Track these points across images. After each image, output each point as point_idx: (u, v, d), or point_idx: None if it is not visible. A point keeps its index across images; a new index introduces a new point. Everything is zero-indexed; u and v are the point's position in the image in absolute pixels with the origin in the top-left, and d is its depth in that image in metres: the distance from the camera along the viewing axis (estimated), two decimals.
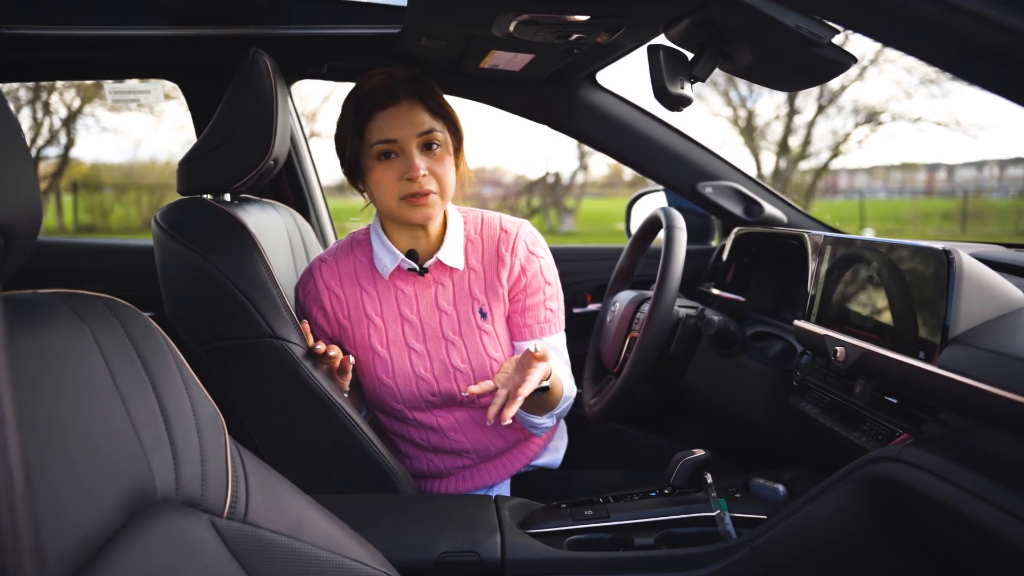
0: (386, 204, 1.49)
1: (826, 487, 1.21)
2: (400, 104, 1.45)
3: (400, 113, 1.45)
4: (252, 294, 1.44)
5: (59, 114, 16.18)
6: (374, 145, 1.46)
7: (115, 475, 0.77)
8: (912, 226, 18.72)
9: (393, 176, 1.46)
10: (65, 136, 16.52)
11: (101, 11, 1.86)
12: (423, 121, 1.46)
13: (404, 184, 1.45)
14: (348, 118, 1.49)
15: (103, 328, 0.85)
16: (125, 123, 20.37)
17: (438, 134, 1.47)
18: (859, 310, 1.41)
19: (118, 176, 19.52)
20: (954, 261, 1.16)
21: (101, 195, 18.79)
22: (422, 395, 1.59)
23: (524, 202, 19.73)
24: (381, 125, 1.45)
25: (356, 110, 1.47)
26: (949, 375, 1.10)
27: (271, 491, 1.00)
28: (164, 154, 19.96)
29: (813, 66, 1.29)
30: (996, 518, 0.93)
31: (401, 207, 1.47)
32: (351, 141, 1.48)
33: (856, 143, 18.68)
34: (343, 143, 1.51)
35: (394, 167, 1.46)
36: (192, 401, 0.92)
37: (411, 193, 1.45)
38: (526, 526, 1.35)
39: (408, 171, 1.44)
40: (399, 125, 1.45)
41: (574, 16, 1.37)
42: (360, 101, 1.47)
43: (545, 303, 1.63)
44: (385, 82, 1.46)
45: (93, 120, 18.28)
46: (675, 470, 1.44)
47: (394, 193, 1.46)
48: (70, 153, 17.16)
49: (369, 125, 1.46)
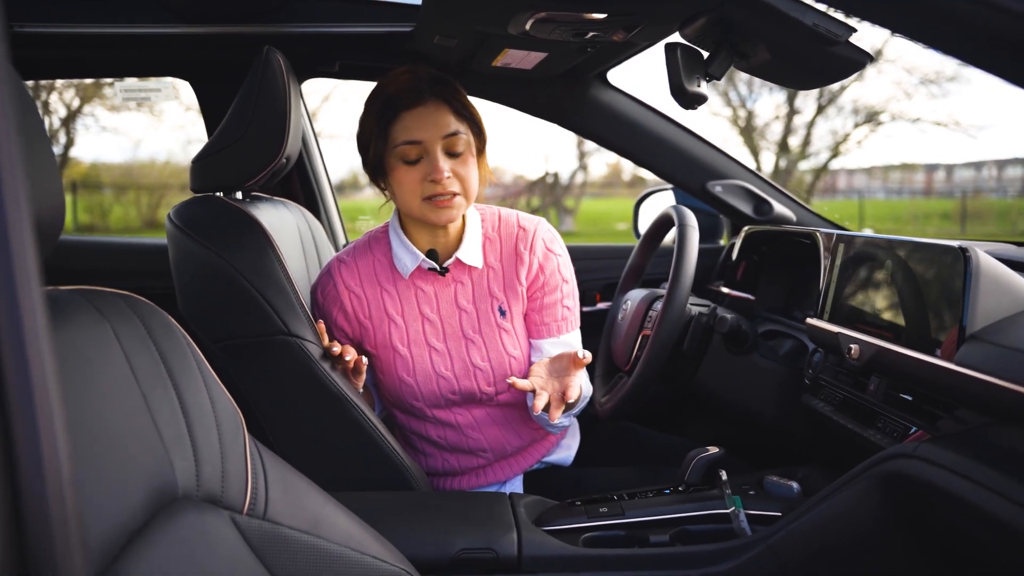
0: (409, 205, 1.48)
1: (842, 484, 1.21)
2: (426, 105, 1.44)
3: (426, 114, 1.44)
4: (267, 291, 1.43)
5: (58, 114, 16.17)
6: (399, 146, 1.45)
7: (138, 472, 0.77)
8: (911, 226, 18.74)
9: (417, 177, 1.45)
10: (64, 136, 16.51)
11: (113, 9, 1.85)
12: (448, 123, 1.45)
13: (428, 185, 1.45)
14: (372, 118, 1.47)
15: (124, 325, 0.85)
16: (124, 123, 20.39)
17: (462, 136, 1.46)
18: (872, 308, 1.42)
19: (117, 176, 19.52)
20: (971, 259, 1.16)
21: (100, 195, 18.78)
22: (442, 393, 1.59)
23: (523, 202, 19.73)
24: (407, 126, 1.44)
25: (382, 110, 1.46)
26: (967, 372, 1.10)
27: (290, 488, 1.00)
28: (163, 154, 20.01)
29: (830, 65, 1.29)
30: (1015, 514, 0.93)
31: (424, 208, 1.47)
32: (375, 141, 1.47)
33: (855, 143, 18.79)
34: (367, 142, 1.50)
35: (418, 168, 1.45)
36: (212, 398, 0.92)
37: (434, 195, 1.45)
38: (541, 523, 1.35)
39: (432, 173, 1.44)
40: (424, 126, 1.44)
41: (591, 14, 1.38)
42: (386, 101, 1.46)
43: (562, 301, 1.63)
44: (411, 82, 1.45)
45: (92, 120, 18.29)
46: (689, 467, 1.45)
47: (417, 194, 1.46)
48: (69, 153, 17.15)
49: (394, 125, 1.45)
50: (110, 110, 16.52)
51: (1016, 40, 0.68)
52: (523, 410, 1.68)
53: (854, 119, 17.94)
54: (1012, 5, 0.65)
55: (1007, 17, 0.66)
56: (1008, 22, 0.66)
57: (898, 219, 19.79)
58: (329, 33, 1.93)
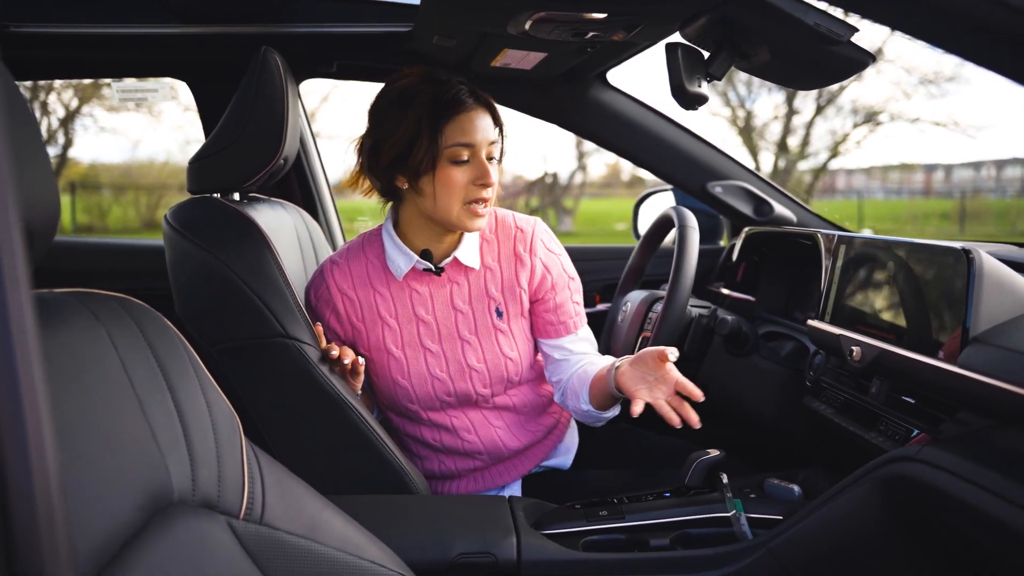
0: (447, 208, 1.45)
1: (843, 487, 1.20)
2: (476, 109, 1.44)
3: (477, 118, 1.44)
4: (264, 293, 1.42)
5: (57, 114, 16.16)
6: (452, 147, 1.42)
7: (133, 476, 0.76)
8: (910, 226, 18.75)
9: (465, 180, 1.44)
10: (63, 136, 16.50)
11: (110, 9, 1.84)
12: (492, 129, 1.46)
13: (473, 189, 1.44)
14: (421, 117, 1.42)
15: (119, 328, 0.84)
16: (123, 123, 20.38)
17: (499, 144, 1.48)
18: (874, 309, 1.41)
19: (116, 176, 19.51)
20: (975, 260, 1.16)
21: (99, 195, 18.76)
22: (437, 395, 1.58)
23: (522, 202, 19.73)
24: (461, 126, 1.42)
25: (434, 109, 1.42)
26: (970, 375, 1.10)
27: (287, 492, 0.99)
28: (162, 154, 20.00)
29: (831, 65, 1.28)
30: (1017, 517, 0.92)
31: (462, 213, 1.45)
32: (426, 139, 1.42)
33: (854, 143, 18.75)
34: (411, 142, 1.43)
35: (468, 171, 1.44)
36: (208, 402, 0.91)
37: (479, 199, 1.44)
38: (540, 527, 1.34)
39: (482, 177, 1.43)
40: (476, 130, 1.43)
41: (591, 14, 1.37)
42: (434, 101, 1.42)
43: (572, 298, 1.64)
44: (453, 86, 1.44)
45: (91, 120, 18.29)
46: (690, 470, 1.44)
47: (461, 197, 1.44)
48: (68, 153, 17.14)
49: (448, 125, 1.42)
50: (109, 110, 16.52)
51: (1016, 35, 0.67)
52: (520, 413, 1.67)
53: (853, 119, 17.94)
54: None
55: (1006, 11, 0.65)
56: (1007, 16, 0.66)
57: (897, 219, 19.80)
58: (327, 33, 1.92)
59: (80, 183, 18.57)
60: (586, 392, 1.56)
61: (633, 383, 1.41)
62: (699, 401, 1.36)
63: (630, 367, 1.43)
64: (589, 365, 1.61)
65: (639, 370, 1.41)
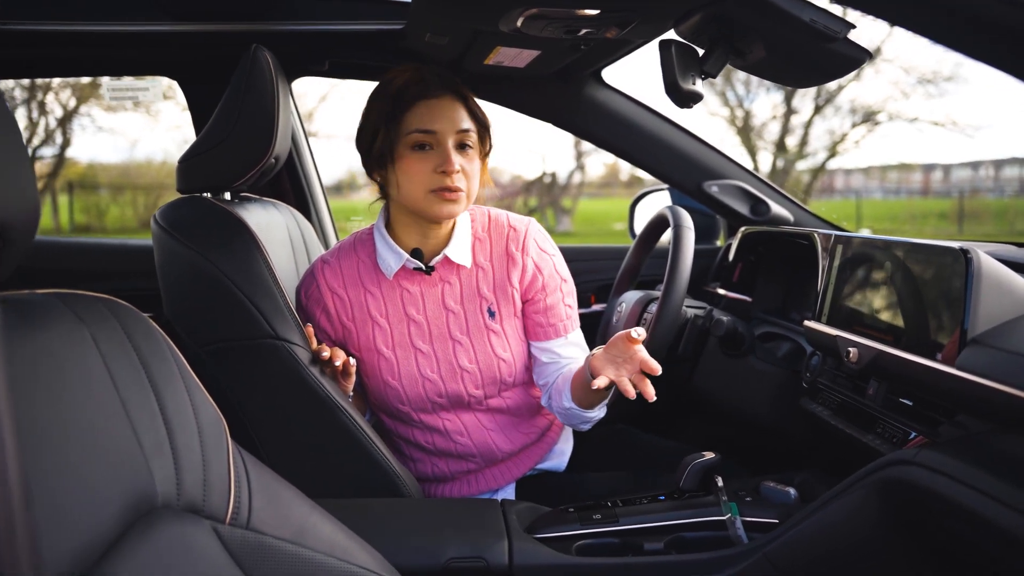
0: (413, 196, 1.46)
1: (840, 491, 1.19)
2: (441, 98, 1.44)
3: (442, 106, 1.44)
4: (253, 294, 1.41)
5: (55, 114, 16.19)
6: (412, 133, 1.43)
7: (115, 481, 0.75)
8: (908, 226, 18.78)
9: (427, 167, 1.43)
10: (61, 136, 16.53)
11: (99, 7, 1.83)
12: (462, 118, 1.45)
13: (436, 177, 1.43)
14: (383, 107, 1.45)
15: (103, 330, 0.83)
16: (121, 123, 20.42)
17: (472, 135, 1.46)
18: (871, 310, 1.39)
19: (114, 176, 19.53)
20: (972, 260, 1.14)
21: (97, 195, 18.79)
22: (428, 396, 1.57)
23: (521, 202, 19.74)
24: (422, 114, 1.43)
25: (395, 98, 1.44)
26: (969, 377, 1.08)
27: (274, 496, 0.98)
28: (160, 154, 20.01)
29: (828, 62, 1.26)
30: (1017, 521, 0.91)
31: (429, 200, 1.44)
32: (385, 129, 1.45)
33: (853, 143, 18.76)
34: (374, 131, 1.47)
35: (429, 159, 1.44)
36: (194, 404, 0.90)
37: (442, 187, 1.43)
38: (533, 531, 1.33)
39: (443, 164, 1.42)
40: (439, 117, 1.43)
41: (584, 11, 1.35)
42: (399, 90, 1.45)
43: (564, 300, 1.62)
44: (423, 76, 1.45)
45: (89, 120, 18.32)
46: (685, 473, 1.42)
47: (425, 185, 1.44)
48: (66, 153, 17.17)
49: (409, 113, 1.44)
50: (106, 110, 16.53)
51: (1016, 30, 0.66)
52: (513, 415, 1.65)
53: (851, 119, 17.95)
54: None
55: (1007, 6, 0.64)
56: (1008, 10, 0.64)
57: (895, 219, 19.83)
58: (319, 31, 1.90)
59: (78, 183, 18.59)
60: (568, 388, 1.55)
61: (602, 364, 1.40)
62: (655, 375, 1.33)
63: (602, 351, 1.42)
64: (574, 365, 1.60)
65: (609, 353, 1.40)
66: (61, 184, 17.72)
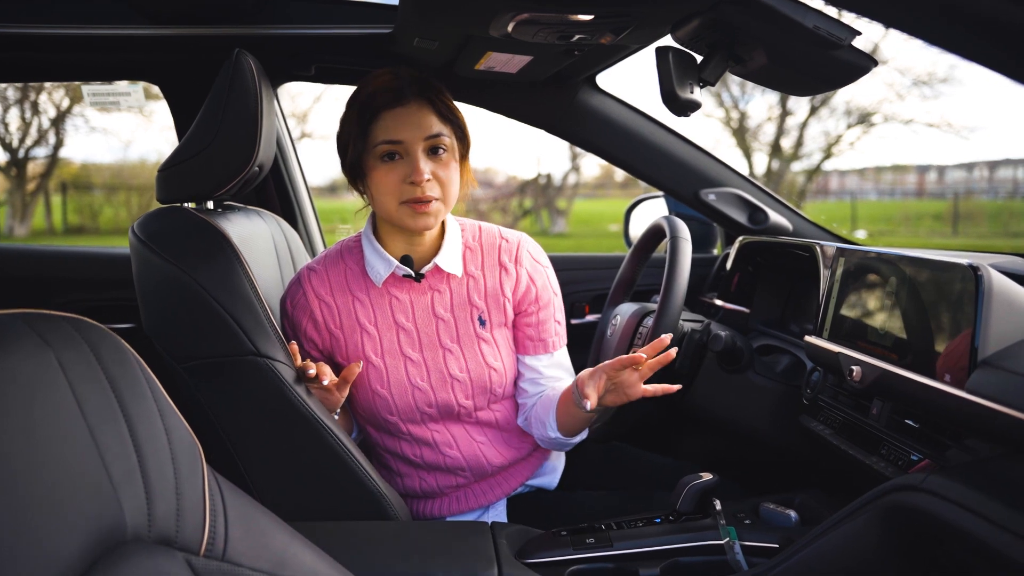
0: (386, 208, 1.44)
1: (843, 517, 1.14)
2: (408, 105, 1.41)
3: (408, 114, 1.41)
4: (234, 309, 1.37)
5: (48, 114, 16.15)
6: (379, 145, 1.41)
7: (81, 513, 0.72)
8: (903, 227, 18.85)
9: (396, 179, 1.41)
10: (54, 136, 16.51)
11: (78, 10, 1.78)
12: (431, 124, 1.41)
13: (407, 188, 1.40)
14: (353, 117, 1.44)
15: (70, 353, 0.79)
16: (115, 123, 20.35)
17: (445, 139, 1.43)
18: (875, 326, 1.35)
19: (108, 176, 19.53)
20: (983, 278, 1.10)
21: (91, 196, 18.78)
22: (418, 406, 1.53)
23: (516, 203, 19.74)
24: (387, 125, 1.41)
25: (361, 109, 1.42)
26: (980, 401, 1.04)
27: (252, 525, 0.94)
28: (154, 155, 19.98)
29: (831, 70, 1.22)
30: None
31: (401, 212, 1.42)
32: (354, 141, 1.43)
33: (848, 145, 18.80)
34: (346, 143, 1.46)
35: (397, 169, 1.41)
36: (167, 429, 0.86)
37: (413, 198, 1.40)
38: (524, 555, 1.29)
39: (412, 174, 1.39)
40: (406, 126, 1.40)
41: (577, 16, 1.30)
42: (366, 99, 1.42)
43: (554, 316, 1.61)
44: (392, 82, 1.42)
45: (82, 120, 18.26)
46: (681, 495, 1.38)
47: (395, 197, 1.41)
48: (59, 153, 17.15)
49: (375, 125, 1.41)
50: (100, 110, 16.49)
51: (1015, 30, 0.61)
52: (503, 429, 1.62)
53: (847, 120, 17.96)
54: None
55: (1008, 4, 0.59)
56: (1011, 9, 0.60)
57: (890, 220, 19.89)
58: (305, 35, 1.86)
59: (72, 183, 18.58)
60: (552, 418, 1.53)
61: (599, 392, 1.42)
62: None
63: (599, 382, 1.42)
64: (552, 391, 1.58)
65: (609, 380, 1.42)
66: (55, 184, 17.70)
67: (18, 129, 16.00)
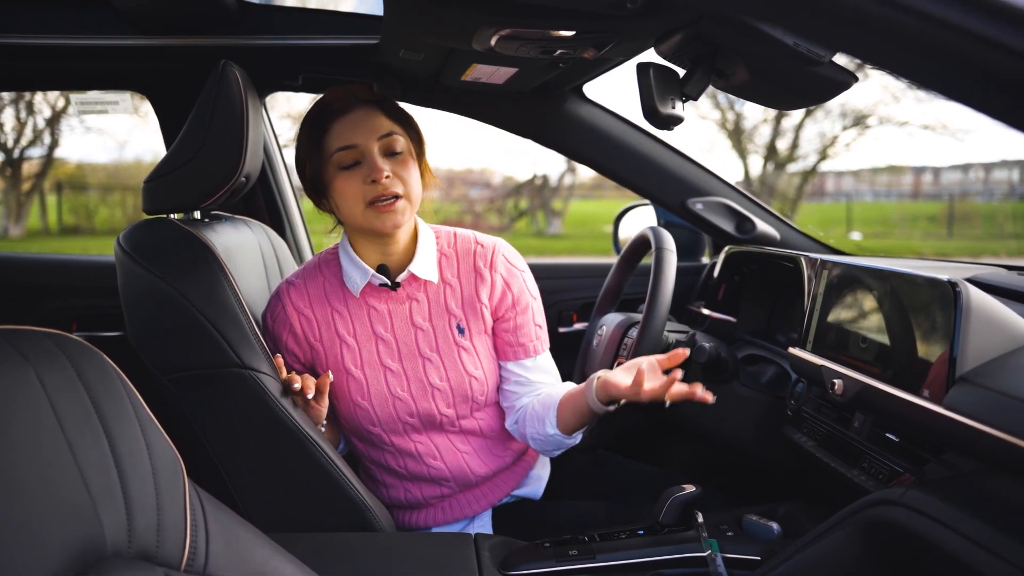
0: (352, 215, 1.44)
1: (823, 531, 1.15)
2: (356, 111, 1.44)
3: (357, 119, 1.43)
4: (219, 321, 1.37)
5: (43, 114, 16.09)
6: (334, 154, 1.43)
7: (60, 529, 0.72)
8: (899, 229, 18.82)
9: (357, 182, 1.42)
10: (49, 136, 16.45)
11: (64, 20, 1.78)
12: (381, 124, 1.44)
13: (368, 188, 1.41)
14: (305, 134, 1.47)
15: (49, 368, 0.80)
16: (110, 124, 20.27)
17: (399, 138, 1.45)
18: (858, 339, 1.35)
19: (103, 177, 19.44)
20: (961, 295, 1.10)
21: (86, 196, 18.70)
22: (399, 416, 1.53)
23: (512, 204, 19.69)
24: (339, 132, 1.43)
25: (312, 124, 1.45)
26: (957, 417, 1.05)
27: (233, 539, 0.95)
28: (149, 155, 19.85)
29: (812, 85, 1.22)
30: (1002, 570, 0.87)
31: (368, 216, 1.42)
32: (311, 156, 1.46)
33: (844, 146, 18.78)
34: (303, 160, 1.48)
35: (357, 173, 1.43)
36: (148, 443, 0.87)
37: (377, 197, 1.41)
38: (507, 567, 1.30)
39: (371, 173, 1.41)
40: (358, 130, 1.42)
41: (559, 32, 1.30)
42: (315, 115, 1.46)
43: (534, 319, 1.60)
44: (338, 93, 1.46)
45: (78, 120, 18.17)
46: (664, 507, 1.38)
47: (360, 200, 1.42)
48: (54, 153, 17.08)
49: (327, 135, 1.44)
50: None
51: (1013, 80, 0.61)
52: (487, 437, 1.62)
53: (842, 122, 17.95)
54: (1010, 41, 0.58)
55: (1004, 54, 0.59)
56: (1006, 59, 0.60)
57: (885, 222, 19.86)
58: (292, 45, 1.87)
59: (67, 183, 18.50)
60: (553, 415, 1.52)
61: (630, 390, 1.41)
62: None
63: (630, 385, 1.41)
64: (552, 390, 1.58)
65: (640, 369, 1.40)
66: (50, 184, 17.64)
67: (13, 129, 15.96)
